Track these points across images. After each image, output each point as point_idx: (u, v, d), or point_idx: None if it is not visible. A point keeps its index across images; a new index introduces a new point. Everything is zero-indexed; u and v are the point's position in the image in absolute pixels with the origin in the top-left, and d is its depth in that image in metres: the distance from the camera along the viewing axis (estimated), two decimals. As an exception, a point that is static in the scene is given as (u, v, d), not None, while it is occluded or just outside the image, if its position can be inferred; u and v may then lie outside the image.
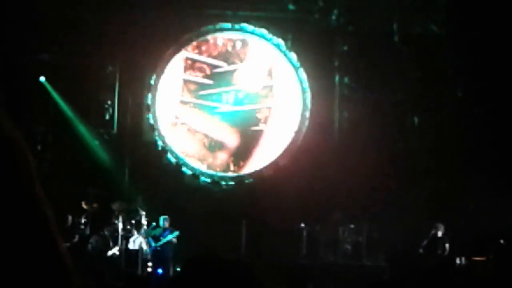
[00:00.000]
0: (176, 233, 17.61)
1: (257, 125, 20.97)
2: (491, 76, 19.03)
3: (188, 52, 20.85)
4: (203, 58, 20.97)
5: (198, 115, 20.83)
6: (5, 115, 1.41)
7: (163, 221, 17.75)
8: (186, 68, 20.89)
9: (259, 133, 20.99)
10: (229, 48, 21.05)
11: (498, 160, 18.65)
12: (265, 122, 20.99)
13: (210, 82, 20.89)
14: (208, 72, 20.94)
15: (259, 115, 20.97)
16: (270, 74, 21.13)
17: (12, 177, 1.36)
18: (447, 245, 17.59)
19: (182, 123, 20.80)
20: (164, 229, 17.68)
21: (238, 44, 21.08)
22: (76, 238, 17.45)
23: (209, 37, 20.93)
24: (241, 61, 21.02)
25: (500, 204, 17.36)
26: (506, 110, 19.04)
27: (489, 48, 18.86)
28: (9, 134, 1.39)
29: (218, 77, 20.92)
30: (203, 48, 21.00)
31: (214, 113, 20.82)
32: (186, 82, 20.86)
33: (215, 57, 21.00)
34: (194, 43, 20.83)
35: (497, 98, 19.06)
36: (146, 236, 17.59)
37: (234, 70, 20.97)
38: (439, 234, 17.75)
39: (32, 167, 1.41)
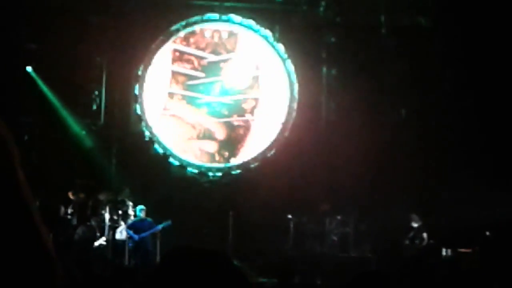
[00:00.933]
0: (167, 222, 17.50)
1: (243, 115, 20.97)
2: (478, 69, 19.08)
3: (176, 44, 20.81)
4: (191, 50, 20.94)
5: (185, 107, 20.80)
6: None
7: (140, 211, 17.61)
8: (174, 60, 20.84)
9: (245, 124, 20.99)
10: (216, 39, 21.04)
11: (484, 153, 18.72)
12: (251, 113, 20.99)
13: (197, 73, 20.87)
14: (196, 64, 20.92)
15: (245, 106, 20.97)
16: (257, 65, 21.13)
17: None
18: (424, 235, 17.72)
19: (171, 115, 20.76)
20: (142, 220, 17.53)
21: (225, 35, 21.05)
22: (67, 229, 17.42)
23: (197, 28, 20.89)
24: (228, 52, 21.01)
25: (486, 196, 17.44)
26: (493, 102, 19.10)
27: (477, 41, 18.91)
28: None
29: (205, 69, 20.91)
30: (191, 40, 20.96)
31: (201, 104, 20.80)
32: (174, 73, 20.83)
33: (202, 49, 20.97)
34: (182, 35, 20.78)
35: (484, 91, 19.12)
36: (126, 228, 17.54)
37: (221, 61, 20.96)
38: (414, 224, 17.89)
39: (12, 153, 1.39)
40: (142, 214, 17.51)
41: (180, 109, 20.78)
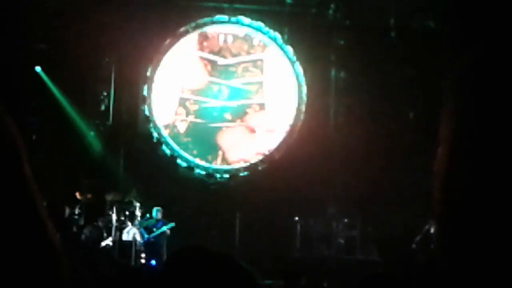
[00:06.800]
0: (171, 224, 17.59)
1: (247, 120, 20.94)
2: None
3: (189, 47, 20.80)
4: (203, 54, 20.94)
5: (196, 111, 20.77)
6: None
7: (156, 212, 17.71)
8: (186, 63, 20.81)
9: (249, 128, 20.95)
10: (222, 44, 21.03)
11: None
12: (255, 118, 20.94)
13: (208, 77, 20.87)
14: (207, 67, 20.91)
15: (249, 111, 20.93)
16: (261, 69, 21.09)
17: None
18: (433, 239, 17.69)
19: (182, 120, 20.73)
20: (157, 221, 17.65)
21: (230, 39, 21.04)
22: (74, 229, 17.46)
23: (207, 30, 20.89)
24: (233, 55, 20.99)
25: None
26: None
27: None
28: None
29: (215, 72, 20.91)
30: (205, 44, 20.96)
31: (209, 108, 20.78)
32: (186, 77, 20.82)
33: (215, 53, 20.95)
34: (194, 37, 20.79)
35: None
36: (139, 228, 17.59)
37: (230, 65, 20.94)
38: (432, 230, 17.83)
39: (19, 148, 1.39)
40: (158, 215, 17.64)
41: (191, 114, 20.73)
